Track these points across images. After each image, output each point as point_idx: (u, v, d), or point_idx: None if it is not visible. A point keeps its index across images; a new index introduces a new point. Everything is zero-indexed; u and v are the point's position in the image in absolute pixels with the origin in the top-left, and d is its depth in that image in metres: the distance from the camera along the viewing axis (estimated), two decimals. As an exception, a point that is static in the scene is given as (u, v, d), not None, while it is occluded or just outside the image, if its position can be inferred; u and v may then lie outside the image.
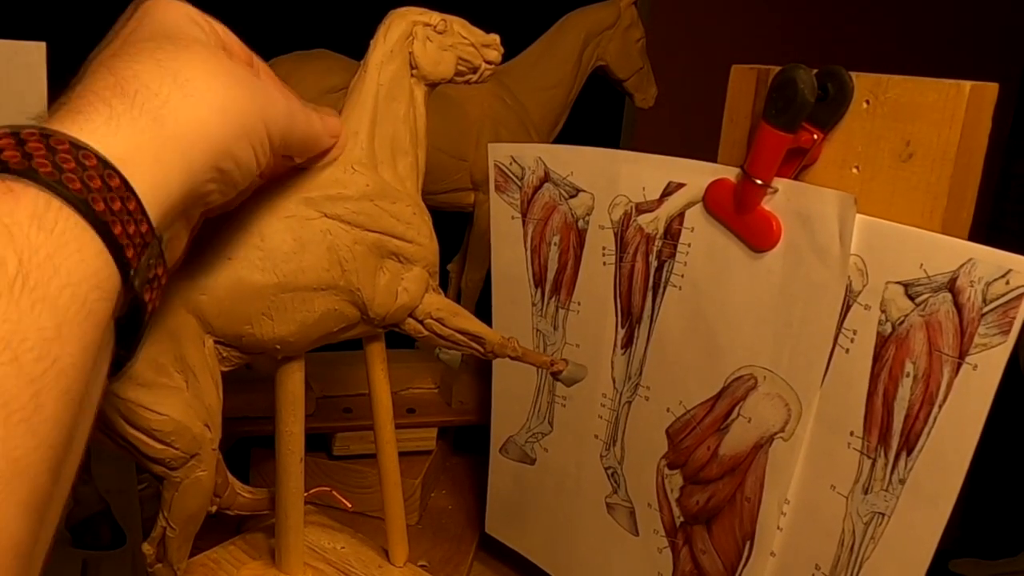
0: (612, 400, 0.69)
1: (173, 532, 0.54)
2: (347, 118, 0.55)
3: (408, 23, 0.55)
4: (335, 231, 0.52)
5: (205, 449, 0.52)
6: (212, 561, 0.64)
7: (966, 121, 0.50)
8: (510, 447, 0.80)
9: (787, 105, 0.53)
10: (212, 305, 0.50)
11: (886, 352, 0.51)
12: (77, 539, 0.78)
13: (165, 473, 0.52)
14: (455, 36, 0.56)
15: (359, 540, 0.67)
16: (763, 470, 0.58)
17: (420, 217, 0.56)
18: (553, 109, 0.96)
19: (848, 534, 0.54)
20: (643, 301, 0.66)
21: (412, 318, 0.57)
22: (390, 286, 0.55)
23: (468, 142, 0.89)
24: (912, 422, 0.50)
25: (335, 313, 0.54)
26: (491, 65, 0.58)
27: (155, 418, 0.49)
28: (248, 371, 0.88)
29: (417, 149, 0.57)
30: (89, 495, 0.78)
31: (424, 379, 0.99)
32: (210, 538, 0.65)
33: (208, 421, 0.51)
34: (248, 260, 0.51)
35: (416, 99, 0.56)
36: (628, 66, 0.99)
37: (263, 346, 0.53)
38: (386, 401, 0.62)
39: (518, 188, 0.73)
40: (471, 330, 0.59)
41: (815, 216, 0.54)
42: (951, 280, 0.48)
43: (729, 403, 0.60)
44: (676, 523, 0.65)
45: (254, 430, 0.86)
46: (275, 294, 0.51)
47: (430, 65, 0.56)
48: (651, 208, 0.64)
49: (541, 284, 0.74)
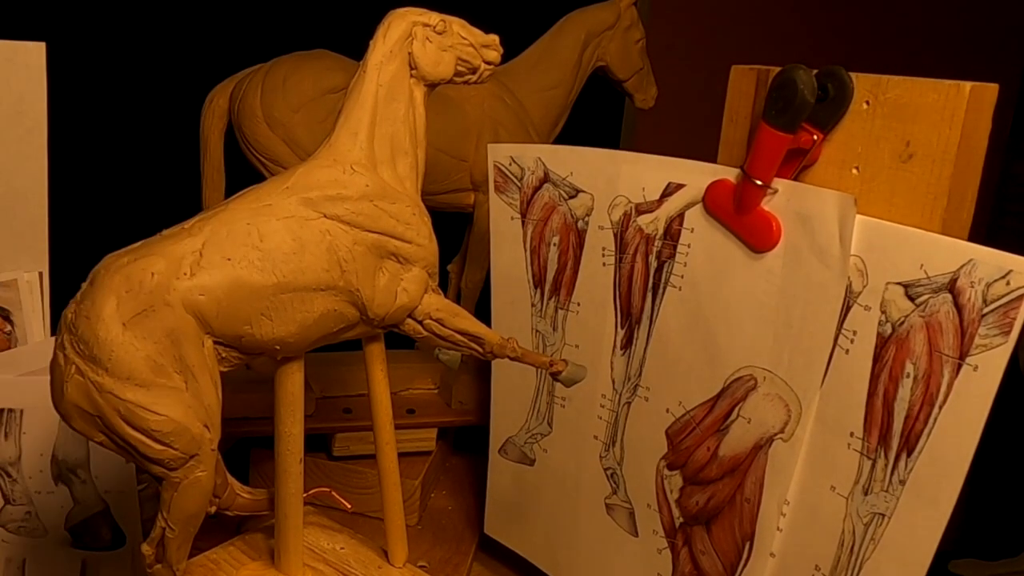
0: (611, 401, 0.69)
1: (172, 532, 0.53)
2: (346, 118, 0.55)
3: (408, 24, 0.56)
4: (334, 231, 0.53)
5: (204, 449, 0.51)
6: (212, 562, 0.64)
7: (966, 121, 0.50)
8: (509, 448, 0.80)
9: (787, 105, 0.53)
10: (211, 305, 0.50)
11: (886, 353, 0.51)
12: (77, 539, 0.78)
13: (164, 474, 0.51)
14: (454, 37, 0.56)
15: (359, 541, 0.67)
16: (763, 471, 0.58)
17: (420, 218, 0.56)
18: (553, 109, 0.96)
19: (848, 535, 0.54)
20: (643, 302, 0.66)
21: (411, 318, 0.57)
22: (389, 287, 0.55)
23: (468, 143, 0.89)
24: (912, 423, 0.50)
25: (334, 313, 0.54)
26: (490, 66, 0.58)
27: (154, 419, 0.49)
28: (248, 372, 0.89)
29: (417, 149, 0.57)
30: (89, 495, 0.78)
31: (424, 379, 0.99)
32: (210, 539, 0.65)
33: (207, 421, 0.51)
34: (247, 260, 0.51)
35: (416, 99, 0.57)
36: (628, 66, 0.99)
37: (262, 346, 0.53)
38: (385, 402, 0.62)
39: (518, 189, 0.73)
40: (470, 331, 0.59)
41: (815, 217, 0.54)
42: (951, 281, 0.48)
43: (729, 404, 0.60)
44: (676, 524, 0.65)
45: (254, 430, 0.86)
46: (274, 294, 0.51)
47: (429, 66, 0.56)
48: (651, 209, 0.64)
49: (540, 284, 0.74)
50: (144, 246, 0.51)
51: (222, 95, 0.86)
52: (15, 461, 0.77)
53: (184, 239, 0.51)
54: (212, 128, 0.86)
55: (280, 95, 0.82)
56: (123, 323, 0.48)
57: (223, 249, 0.51)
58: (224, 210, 0.53)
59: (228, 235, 0.51)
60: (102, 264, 0.50)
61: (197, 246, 0.50)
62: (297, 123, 0.83)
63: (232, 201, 0.54)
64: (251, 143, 0.84)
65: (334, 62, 0.86)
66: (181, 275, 0.49)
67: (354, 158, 0.54)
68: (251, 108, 0.83)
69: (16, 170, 0.83)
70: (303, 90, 0.83)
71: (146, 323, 0.48)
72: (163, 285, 0.49)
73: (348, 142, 0.55)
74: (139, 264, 0.49)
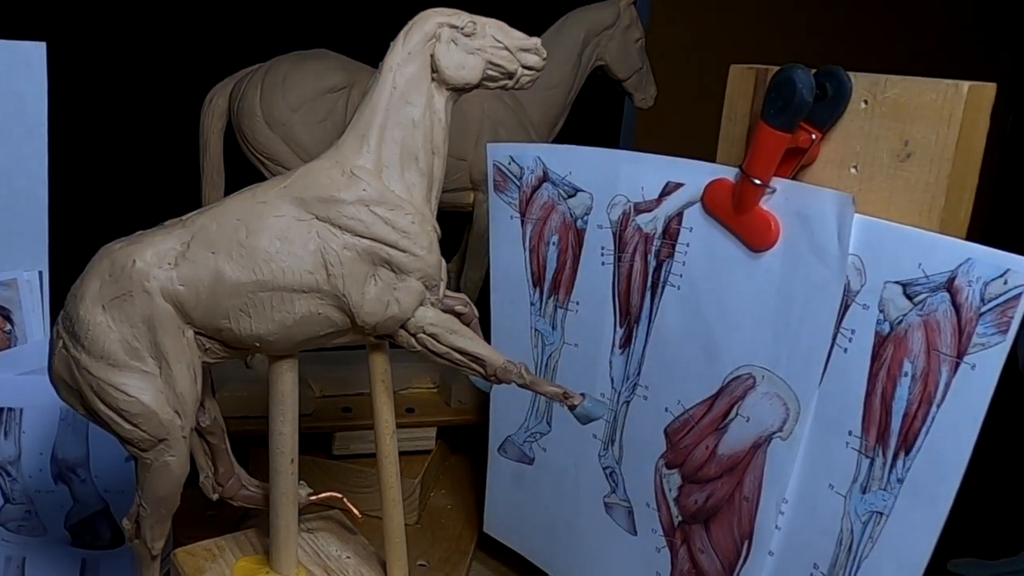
0: (610, 400, 0.69)
1: (145, 512, 0.55)
2: (357, 120, 0.54)
3: (432, 25, 0.53)
4: (324, 234, 0.52)
5: (174, 435, 0.52)
6: (216, 547, 0.65)
7: (964, 121, 0.50)
8: (508, 447, 0.80)
9: (785, 105, 0.53)
10: (190, 297, 0.51)
11: (884, 351, 0.51)
12: (77, 539, 0.78)
13: (137, 453, 0.53)
14: (486, 39, 0.53)
15: (368, 553, 0.66)
16: (761, 470, 0.58)
17: (420, 227, 0.53)
18: (552, 109, 0.96)
19: (846, 533, 0.54)
20: (642, 301, 0.66)
21: (404, 331, 0.55)
22: (381, 295, 0.53)
23: (467, 142, 0.89)
24: (910, 421, 0.50)
25: (319, 316, 0.53)
26: (530, 71, 0.54)
27: (123, 398, 0.51)
28: (247, 371, 0.89)
29: (432, 157, 0.54)
30: (89, 494, 0.78)
31: (424, 379, 0.99)
32: (212, 532, 0.66)
33: (178, 408, 0.52)
34: (229, 255, 0.51)
35: (435, 105, 0.54)
36: (627, 66, 0.99)
37: (242, 342, 0.53)
38: (386, 413, 0.61)
39: (517, 188, 0.73)
40: (469, 350, 0.55)
41: (813, 216, 0.54)
42: (949, 280, 0.48)
43: (728, 403, 0.60)
44: (674, 522, 0.65)
45: (253, 430, 0.86)
46: (253, 291, 0.51)
47: (452, 69, 0.53)
48: (650, 208, 0.64)
49: (540, 284, 0.74)
50: (140, 235, 0.53)
51: (222, 95, 0.86)
52: (15, 460, 0.77)
53: (177, 230, 0.52)
54: (212, 128, 0.86)
55: (280, 95, 0.82)
56: (103, 304, 0.51)
57: (209, 243, 0.51)
58: (220, 205, 0.54)
59: (217, 229, 0.52)
60: (102, 248, 0.53)
61: (186, 238, 0.52)
62: (296, 122, 0.83)
63: (231, 197, 0.54)
64: (251, 142, 0.84)
65: (334, 62, 0.86)
66: (165, 265, 0.51)
67: (357, 161, 0.53)
68: (251, 107, 0.83)
69: (16, 170, 0.83)
70: (303, 90, 0.83)
71: (124, 307, 0.51)
72: (143, 272, 0.51)
73: (354, 145, 0.53)
74: (126, 251, 0.51)
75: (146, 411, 0.51)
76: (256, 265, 0.51)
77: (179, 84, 1.06)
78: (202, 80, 0.87)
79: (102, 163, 1.19)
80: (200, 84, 0.87)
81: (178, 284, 0.51)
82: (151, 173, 1.19)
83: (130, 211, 0.68)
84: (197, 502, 0.64)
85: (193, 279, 0.51)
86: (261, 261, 0.51)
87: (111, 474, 0.78)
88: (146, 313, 0.51)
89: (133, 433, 0.52)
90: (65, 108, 0.87)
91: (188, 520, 0.75)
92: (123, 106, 1.19)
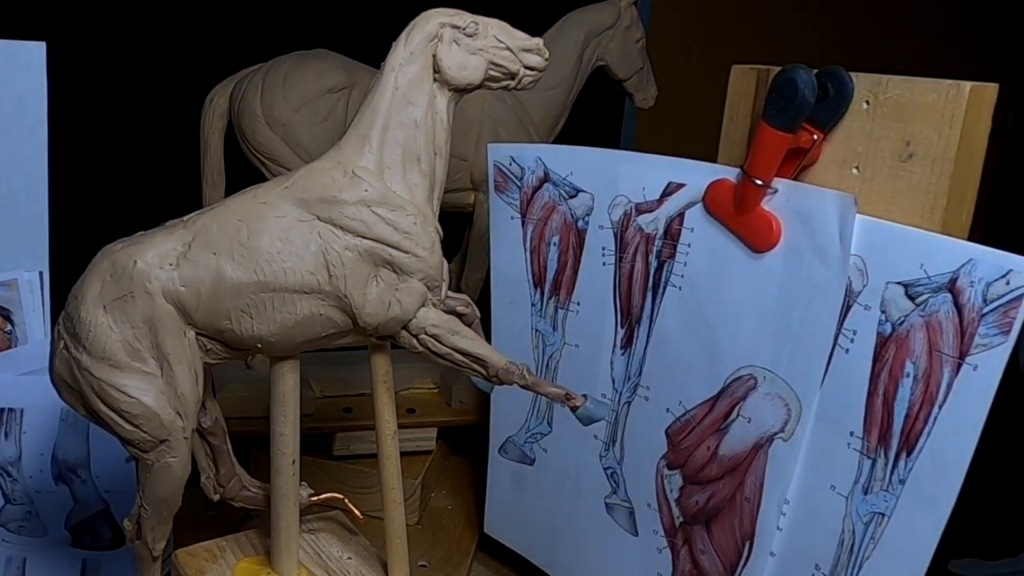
0: (612, 400, 0.69)
1: (146, 513, 0.55)
2: (359, 120, 0.54)
3: (434, 25, 0.53)
4: (326, 235, 0.51)
5: (175, 436, 0.52)
6: (218, 548, 0.64)
7: (966, 121, 0.50)
8: (509, 447, 0.80)
9: (787, 105, 0.53)
10: (191, 297, 0.51)
11: (886, 352, 0.51)
12: (77, 539, 0.78)
13: (138, 454, 0.53)
14: (488, 39, 0.53)
15: (369, 554, 0.66)
16: (763, 470, 0.58)
17: (422, 228, 0.53)
18: (553, 109, 0.96)
19: (848, 534, 0.54)
20: (643, 301, 0.66)
21: (406, 332, 0.55)
22: (383, 296, 0.53)
23: (468, 142, 0.89)
24: (912, 422, 0.50)
25: (320, 317, 0.53)
26: (532, 71, 0.54)
27: (124, 399, 0.51)
28: (248, 371, 0.89)
29: (434, 157, 0.54)
30: (89, 494, 0.78)
31: (424, 379, 0.99)
32: (213, 533, 0.66)
33: (180, 409, 0.52)
34: (231, 256, 0.51)
35: (437, 105, 0.54)
36: (628, 66, 0.99)
37: (243, 343, 0.53)
38: (388, 415, 0.61)
39: (518, 188, 0.73)
40: (471, 351, 0.55)
41: (815, 216, 0.54)
42: (951, 280, 0.48)
43: (729, 403, 0.60)
44: (675, 523, 0.65)
45: (254, 431, 0.86)
46: (254, 292, 0.51)
47: (455, 69, 0.53)
48: (651, 208, 0.64)
49: (540, 284, 0.74)
50: (142, 235, 0.53)
51: (222, 95, 0.86)
52: (15, 461, 0.77)
53: (178, 231, 0.52)
54: (212, 128, 0.86)
55: (280, 95, 0.82)
56: (104, 305, 0.51)
57: (211, 243, 0.51)
58: (222, 205, 0.53)
59: (218, 230, 0.52)
60: (103, 249, 0.53)
61: (187, 238, 0.52)
62: (297, 123, 0.83)
63: (232, 197, 0.54)
64: (251, 143, 0.84)
65: (334, 62, 0.86)
66: (166, 265, 0.51)
67: (359, 162, 0.53)
68: (251, 108, 0.83)
69: (16, 170, 0.83)
70: (303, 90, 0.83)
71: (125, 308, 0.51)
72: (145, 273, 0.50)
73: (356, 145, 0.53)
74: (127, 251, 0.51)
75: (147, 412, 0.51)
76: (257, 266, 0.51)
77: (179, 84, 1.06)
78: (202, 80, 0.87)
79: (102, 163, 1.19)
80: (200, 84, 0.87)
81: (179, 285, 0.51)
82: (151, 173, 1.19)
83: (131, 211, 0.68)
84: (198, 503, 0.64)
85: (194, 280, 0.51)
86: (262, 262, 0.51)
87: (112, 475, 0.78)
88: (147, 314, 0.51)
89: (134, 434, 0.52)
90: (65, 108, 0.87)
91: (189, 521, 0.74)
92: (123, 106, 1.19)
